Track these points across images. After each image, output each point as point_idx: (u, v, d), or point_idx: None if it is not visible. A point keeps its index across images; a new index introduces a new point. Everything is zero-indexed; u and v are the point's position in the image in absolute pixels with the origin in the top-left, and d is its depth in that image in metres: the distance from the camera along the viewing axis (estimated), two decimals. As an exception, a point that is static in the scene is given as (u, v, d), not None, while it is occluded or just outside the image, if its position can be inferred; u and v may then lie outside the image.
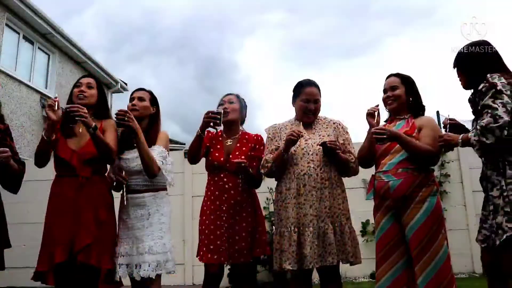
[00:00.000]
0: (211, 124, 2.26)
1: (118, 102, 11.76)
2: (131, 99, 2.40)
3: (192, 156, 2.47)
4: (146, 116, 2.39)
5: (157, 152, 2.27)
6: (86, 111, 2.09)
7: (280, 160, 2.27)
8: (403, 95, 2.30)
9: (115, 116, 2.13)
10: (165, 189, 2.38)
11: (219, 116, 2.24)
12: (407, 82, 2.32)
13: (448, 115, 2.18)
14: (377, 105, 2.29)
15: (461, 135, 1.97)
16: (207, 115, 2.27)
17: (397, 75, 2.35)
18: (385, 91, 2.36)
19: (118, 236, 2.30)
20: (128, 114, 2.13)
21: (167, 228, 2.31)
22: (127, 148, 2.33)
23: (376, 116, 2.25)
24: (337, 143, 2.23)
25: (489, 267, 2.04)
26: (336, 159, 2.24)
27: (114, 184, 2.35)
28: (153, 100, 2.45)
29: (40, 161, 2.23)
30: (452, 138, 2.01)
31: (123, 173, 2.30)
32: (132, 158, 2.29)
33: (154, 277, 2.16)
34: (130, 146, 2.29)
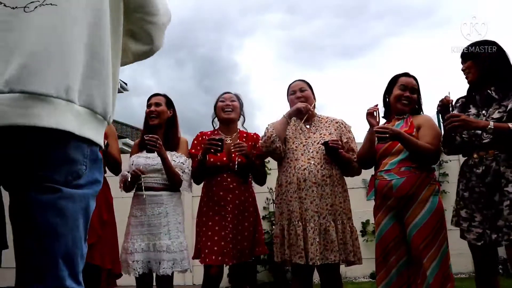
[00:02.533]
0: (212, 150, 2.29)
1: (118, 102, 11.78)
2: (149, 105, 2.47)
3: (197, 178, 2.52)
4: (164, 120, 2.47)
5: (179, 162, 2.40)
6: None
7: (282, 124, 2.31)
8: (416, 100, 2.31)
9: (146, 140, 2.23)
10: (179, 190, 2.47)
11: (220, 143, 2.28)
12: (419, 87, 2.33)
13: (449, 93, 2.08)
14: (377, 105, 2.28)
15: (491, 122, 1.85)
16: (208, 141, 2.30)
17: (415, 78, 2.34)
18: (404, 88, 2.28)
19: (128, 232, 2.35)
20: (159, 141, 2.24)
21: (183, 228, 2.42)
22: (147, 151, 2.35)
23: (376, 116, 2.25)
24: (339, 142, 2.24)
25: (483, 265, 2.04)
26: (338, 158, 2.25)
27: (128, 182, 2.37)
28: (169, 103, 2.52)
29: None
30: (472, 120, 1.89)
31: (141, 167, 2.36)
32: (153, 157, 2.36)
33: (170, 274, 2.27)
34: (149, 150, 2.31)
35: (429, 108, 2.46)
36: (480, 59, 2.04)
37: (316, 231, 2.15)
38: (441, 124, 2.20)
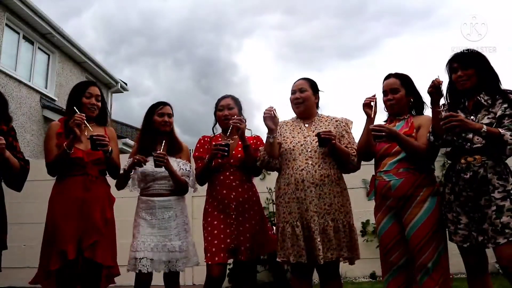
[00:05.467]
0: (219, 155, 2.32)
1: (118, 102, 11.79)
2: (161, 114, 2.55)
3: (201, 181, 2.57)
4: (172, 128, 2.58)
5: (185, 169, 2.54)
6: (108, 140, 2.25)
7: (268, 145, 2.29)
8: (404, 98, 2.28)
9: (155, 157, 2.31)
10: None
11: (226, 148, 2.30)
12: (407, 83, 2.30)
13: (438, 76, 2.03)
14: (374, 95, 2.24)
15: (484, 126, 1.86)
16: (215, 147, 2.32)
17: (396, 75, 2.32)
18: (385, 93, 2.32)
19: (138, 232, 2.42)
20: (166, 157, 2.34)
21: (189, 227, 2.58)
22: (155, 166, 2.38)
23: (373, 107, 2.20)
24: (332, 133, 2.22)
25: (472, 265, 2.05)
26: (333, 150, 2.24)
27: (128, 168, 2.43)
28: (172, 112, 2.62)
29: (57, 170, 2.29)
30: (469, 122, 1.89)
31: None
32: None
33: (183, 270, 2.44)
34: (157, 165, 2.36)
35: (428, 109, 2.42)
36: (483, 68, 2.06)
37: (316, 231, 2.16)
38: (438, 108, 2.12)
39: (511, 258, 1.85)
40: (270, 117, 2.25)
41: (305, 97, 2.40)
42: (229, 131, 2.39)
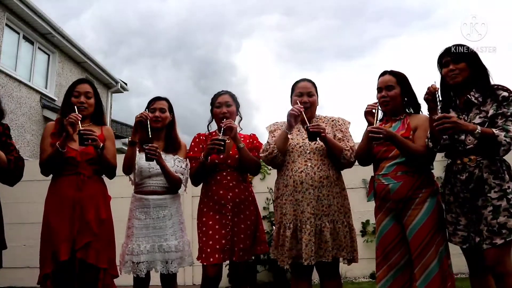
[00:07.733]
0: (215, 151, 2.26)
1: (117, 103, 11.78)
2: (152, 109, 2.49)
3: (197, 180, 2.51)
4: (166, 124, 2.53)
5: (180, 166, 2.48)
6: (97, 134, 2.20)
7: (283, 139, 2.27)
8: (399, 96, 2.25)
9: (146, 149, 2.25)
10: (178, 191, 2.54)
11: (223, 143, 2.23)
12: (403, 81, 2.27)
13: (435, 82, 2.01)
14: (376, 102, 2.24)
15: (478, 126, 1.84)
16: (211, 141, 2.25)
17: (392, 73, 2.28)
18: (380, 89, 2.28)
19: (132, 234, 2.38)
20: (158, 150, 2.29)
21: (185, 226, 2.53)
22: (146, 159, 2.35)
23: (375, 114, 2.19)
24: (320, 126, 2.19)
25: (474, 266, 2.05)
26: (325, 143, 2.24)
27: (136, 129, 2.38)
28: (170, 108, 2.56)
29: (51, 170, 2.28)
30: (463, 123, 1.87)
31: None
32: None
33: (177, 272, 2.40)
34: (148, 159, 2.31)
35: (426, 110, 2.40)
36: (474, 62, 2.04)
37: (312, 232, 2.16)
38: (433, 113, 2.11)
39: (497, 258, 1.84)
40: (296, 116, 2.22)
41: (313, 102, 2.42)
42: (222, 132, 2.34)
